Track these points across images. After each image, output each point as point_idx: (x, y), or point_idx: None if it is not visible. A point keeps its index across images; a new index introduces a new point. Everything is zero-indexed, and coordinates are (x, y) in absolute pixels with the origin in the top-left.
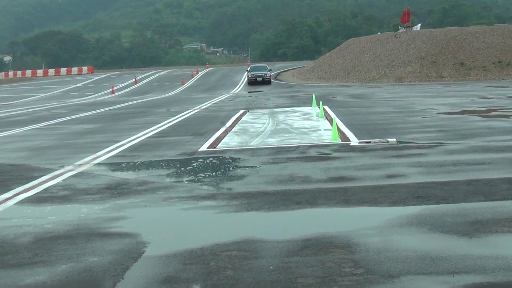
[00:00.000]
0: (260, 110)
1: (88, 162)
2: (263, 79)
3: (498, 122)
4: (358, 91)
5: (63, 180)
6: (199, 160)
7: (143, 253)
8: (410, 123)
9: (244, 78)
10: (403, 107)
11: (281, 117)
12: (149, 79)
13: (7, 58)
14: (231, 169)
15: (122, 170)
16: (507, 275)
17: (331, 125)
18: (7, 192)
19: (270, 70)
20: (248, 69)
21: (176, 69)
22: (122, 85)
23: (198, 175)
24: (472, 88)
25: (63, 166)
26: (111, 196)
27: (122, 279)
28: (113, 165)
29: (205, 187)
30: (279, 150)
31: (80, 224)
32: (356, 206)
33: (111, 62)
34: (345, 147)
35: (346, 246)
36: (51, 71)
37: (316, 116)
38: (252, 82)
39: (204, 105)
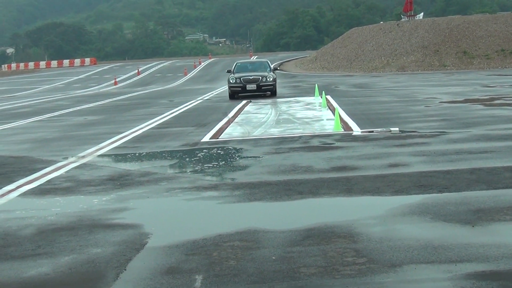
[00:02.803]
0: (262, 101)
1: (91, 153)
2: (258, 86)
3: (501, 110)
4: (361, 80)
5: (66, 172)
6: (202, 150)
7: (146, 244)
8: (413, 112)
9: None
10: (406, 96)
11: (283, 107)
12: (152, 70)
13: (10, 50)
14: (233, 159)
15: (125, 161)
16: (510, 263)
17: (334, 115)
18: (10, 184)
19: (276, 69)
20: (233, 68)
21: (179, 60)
22: (125, 76)
23: (200, 165)
24: (475, 77)
25: (66, 158)
26: (113, 188)
27: (125, 270)
28: (116, 156)
29: (207, 177)
30: (281, 140)
31: (82, 215)
32: (359, 196)
33: (113, 54)
34: (347, 137)
35: (349, 235)
36: (54, 63)
37: (319, 106)
38: (236, 93)
39: (206, 96)
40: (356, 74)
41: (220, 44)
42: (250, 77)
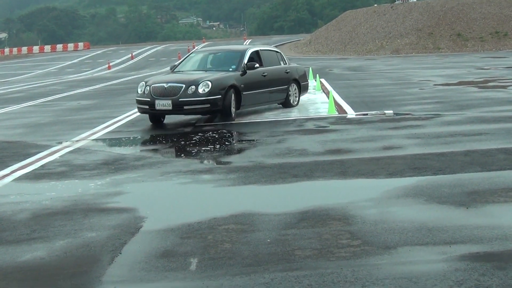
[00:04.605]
0: None
1: (85, 138)
2: (176, 104)
3: (495, 92)
4: (355, 63)
5: (60, 156)
6: (197, 134)
7: (141, 227)
8: (407, 95)
9: None
10: (400, 79)
11: None
12: (146, 54)
13: (3, 35)
14: (228, 143)
15: (119, 145)
16: (504, 244)
17: (328, 98)
18: (4, 169)
19: (253, 65)
20: (180, 61)
21: (173, 44)
22: (119, 60)
23: (195, 149)
24: (469, 59)
25: (60, 142)
26: (108, 172)
27: (120, 253)
28: (110, 140)
29: (202, 161)
30: (276, 123)
31: (77, 200)
32: (353, 178)
33: (107, 38)
34: (342, 120)
35: (343, 218)
36: (47, 48)
37: (313, 89)
38: (145, 113)
39: None
40: (350, 57)
41: (214, 28)
42: (164, 86)
